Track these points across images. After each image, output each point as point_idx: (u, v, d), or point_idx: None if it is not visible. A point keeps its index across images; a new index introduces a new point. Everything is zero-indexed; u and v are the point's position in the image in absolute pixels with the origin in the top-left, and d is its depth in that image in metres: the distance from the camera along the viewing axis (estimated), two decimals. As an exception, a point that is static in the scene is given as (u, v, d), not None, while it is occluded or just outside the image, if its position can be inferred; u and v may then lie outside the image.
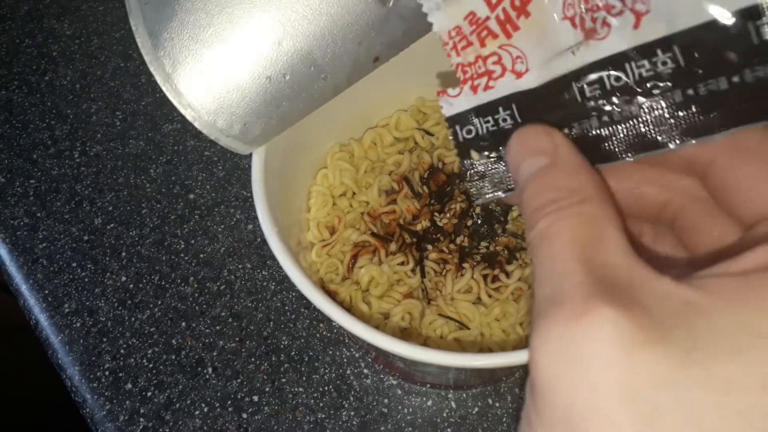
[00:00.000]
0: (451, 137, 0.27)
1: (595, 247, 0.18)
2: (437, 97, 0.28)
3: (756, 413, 0.14)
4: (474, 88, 0.27)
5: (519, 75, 0.26)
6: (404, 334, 0.43)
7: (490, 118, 0.26)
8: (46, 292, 0.54)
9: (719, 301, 0.15)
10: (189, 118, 0.33)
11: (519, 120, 0.25)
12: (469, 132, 0.27)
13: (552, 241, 0.18)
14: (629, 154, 0.22)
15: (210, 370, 0.50)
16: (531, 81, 0.25)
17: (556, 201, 0.19)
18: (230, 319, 0.52)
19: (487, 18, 0.27)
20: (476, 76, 0.28)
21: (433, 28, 0.28)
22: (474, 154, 0.27)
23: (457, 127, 0.27)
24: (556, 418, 0.16)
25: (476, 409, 0.48)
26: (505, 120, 0.25)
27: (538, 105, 0.24)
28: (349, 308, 0.43)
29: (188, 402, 0.48)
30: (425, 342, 0.43)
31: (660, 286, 0.16)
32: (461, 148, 0.27)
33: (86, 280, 0.54)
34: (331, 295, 0.34)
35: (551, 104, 0.24)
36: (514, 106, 0.25)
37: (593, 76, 0.22)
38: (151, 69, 0.32)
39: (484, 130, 0.26)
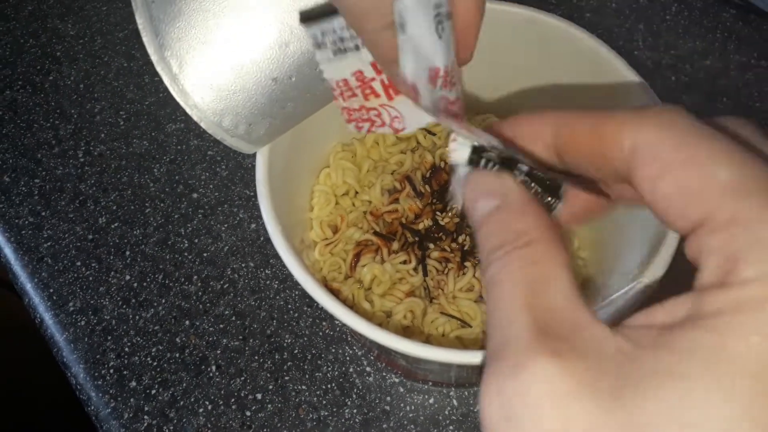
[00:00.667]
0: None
1: (539, 291, 0.18)
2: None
3: None
4: (359, 128, 0.32)
5: (396, 131, 0.31)
6: (406, 332, 0.44)
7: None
8: (51, 290, 0.54)
9: (644, 349, 0.16)
10: (195, 118, 0.34)
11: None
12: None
13: (499, 287, 0.19)
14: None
15: (214, 368, 0.50)
16: None
17: (503, 245, 0.20)
18: (234, 318, 0.52)
19: (373, 79, 0.29)
20: (360, 121, 0.32)
21: (323, 75, 0.30)
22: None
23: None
24: None
25: (478, 406, 0.48)
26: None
27: None
28: (351, 306, 0.44)
29: (192, 400, 0.49)
30: (427, 340, 0.43)
31: (596, 332, 0.17)
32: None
33: (91, 278, 0.55)
34: (334, 294, 0.34)
35: None
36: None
37: None
38: (158, 69, 0.33)
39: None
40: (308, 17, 0.30)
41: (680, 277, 0.21)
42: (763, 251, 0.15)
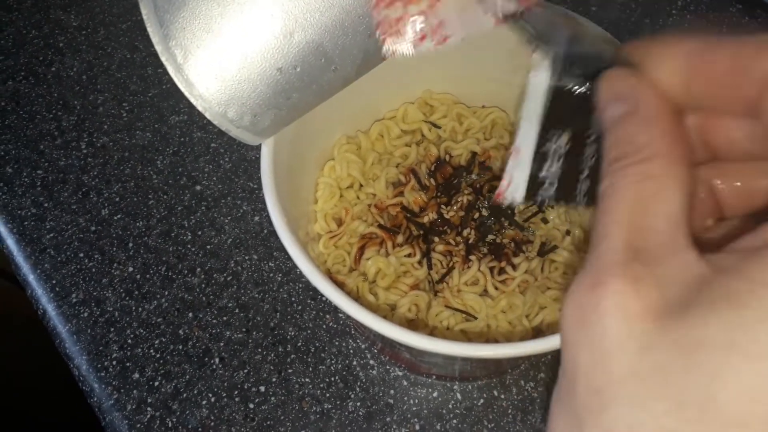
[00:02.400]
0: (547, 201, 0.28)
1: (643, 209, 0.18)
2: (498, 200, 0.28)
3: (711, 370, 0.15)
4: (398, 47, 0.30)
5: (439, 42, 0.28)
6: (411, 325, 0.43)
7: (549, 162, 0.26)
8: (54, 282, 0.54)
9: (719, 273, 0.16)
10: (200, 108, 0.33)
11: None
12: (551, 184, 0.27)
13: (607, 200, 0.19)
14: None
15: (217, 360, 0.50)
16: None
17: (623, 158, 0.19)
18: (237, 310, 0.52)
19: None
20: (397, 36, 0.30)
21: None
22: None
23: (541, 192, 0.27)
24: (566, 371, 0.18)
25: (481, 400, 0.48)
26: (561, 146, 0.26)
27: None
28: (356, 299, 0.43)
29: (195, 392, 0.49)
30: (432, 333, 0.43)
31: (684, 257, 0.17)
32: (563, 193, 0.27)
33: (93, 270, 0.55)
34: (339, 287, 0.34)
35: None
36: (552, 130, 0.25)
37: None
38: (163, 59, 0.33)
39: (560, 168, 0.26)
40: None
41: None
42: None
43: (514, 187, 0.27)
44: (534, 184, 0.26)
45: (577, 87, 0.23)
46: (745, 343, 0.14)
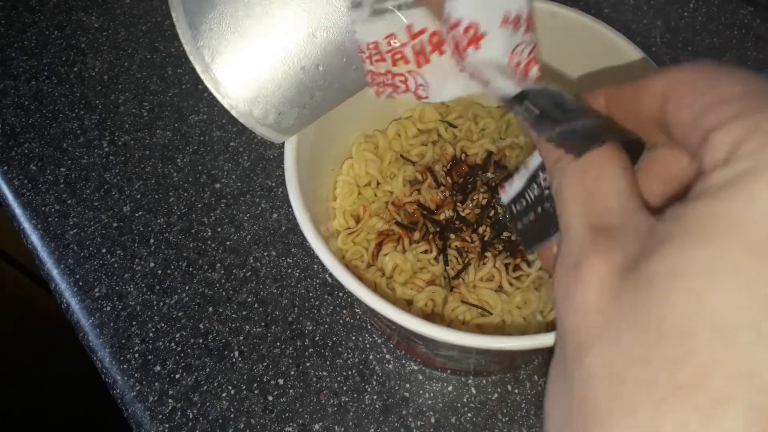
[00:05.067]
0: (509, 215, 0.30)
1: (593, 196, 0.21)
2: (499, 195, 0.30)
3: (662, 298, 0.17)
4: (378, 93, 0.32)
5: (419, 98, 0.31)
6: (427, 319, 0.44)
7: (534, 185, 0.27)
8: (77, 276, 0.55)
9: (663, 222, 0.19)
10: (226, 106, 0.34)
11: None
12: (521, 204, 0.28)
13: (560, 197, 0.22)
14: None
15: (236, 353, 0.51)
16: None
17: (559, 160, 0.22)
18: (256, 305, 0.53)
19: (404, 45, 0.30)
20: (383, 85, 0.32)
21: (355, 35, 0.31)
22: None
23: (513, 205, 0.29)
24: (558, 340, 0.21)
25: (496, 395, 0.49)
26: (545, 179, 0.27)
27: None
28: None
29: (215, 384, 0.50)
30: (448, 327, 0.44)
31: (637, 218, 0.20)
32: (515, 219, 0.29)
33: (116, 265, 0.56)
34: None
35: None
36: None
37: None
38: (191, 58, 0.34)
39: (532, 197, 0.28)
40: None
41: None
42: (757, 131, 0.17)
43: (510, 190, 0.28)
44: (518, 197, 0.28)
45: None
46: (683, 269, 0.17)
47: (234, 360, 0.51)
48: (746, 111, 0.18)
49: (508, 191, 0.29)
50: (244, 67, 0.34)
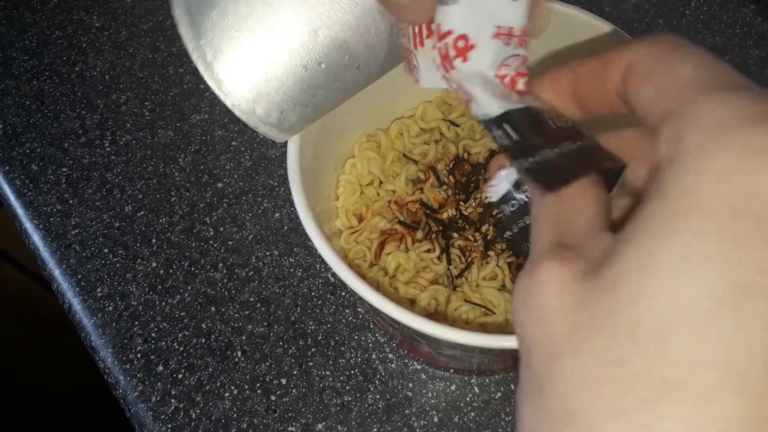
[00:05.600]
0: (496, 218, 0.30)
1: (565, 219, 0.21)
2: (483, 192, 0.30)
3: (630, 298, 0.17)
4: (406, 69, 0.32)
5: (414, 80, 0.31)
6: (431, 318, 0.44)
7: (526, 186, 0.27)
8: (79, 276, 0.55)
9: (627, 235, 0.19)
10: (229, 105, 0.34)
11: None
12: (513, 205, 0.28)
13: (535, 222, 0.22)
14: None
15: (239, 353, 0.51)
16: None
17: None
18: (258, 305, 0.53)
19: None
20: (406, 61, 0.33)
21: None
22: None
23: (503, 206, 0.29)
24: (522, 355, 0.20)
25: (499, 394, 0.49)
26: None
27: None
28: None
29: (218, 384, 0.50)
30: (451, 326, 0.44)
31: (603, 238, 0.20)
32: (507, 221, 0.29)
33: (118, 265, 0.56)
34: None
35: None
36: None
37: None
38: (193, 57, 0.34)
39: (525, 198, 0.28)
40: None
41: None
42: (698, 123, 0.18)
43: (498, 188, 0.28)
44: (508, 196, 0.28)
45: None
46: (647, 266, 0.17)
47: (236, 360, 0.51)
48: (690, 100, 0.18)
49: (497, 190, 0.29)
50: (246, 66, 0.33)
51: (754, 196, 0.16)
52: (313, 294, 0.54)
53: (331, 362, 0.50)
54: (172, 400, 0.49)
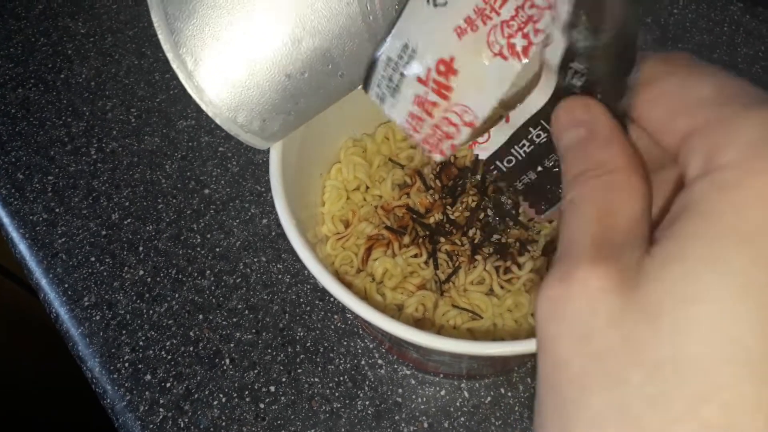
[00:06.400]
0: (494, 175, 0.29)
1: (609, 212, 0.20)
2: (470, 149, 0.30)
3: (674, 327, 0.16)
4: (442, 152, 0.30)
5: (471, 125, 0.28)
6: (418, 324, 0.44)
7: (524, 141, 0.27)
8: (66, 285, 0.55)
9: (658, 243, 0.18)
10: (210, 114, 0.34)
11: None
12: (509, 161, 0.28)
13: (576, 207, 0.21)
14: None
15: (227, 361, 0.51)
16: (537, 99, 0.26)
17: (586, 172, 0.21)
18: (246, 312, 0.53)
19: (426, 92, 0.29)
20: (437, 143, 0.30)
21: (397, 122, 0.31)
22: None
23: (498, 163, 0.28)
24: (545, 371, 0.19)
25: (489, 398, 0.49)
26: (539, 136, 0.26)
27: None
28: (363, 299, 0.44)
29: (206, 392, 0.50)
30: (439, 332, 0.44)
31: (641, 247, 0.19)
32: (507, 178, 0.29)
33: (105, 274, 0.55)
34: (346, 287, 0.35)
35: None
36: (542, 121, 0.26)
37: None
38: (173, 66, 0.33)
39: (523, 154, 0.27)
40: (365, 85, 0.32)
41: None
42: (736, 139, 0.17)
43: (487, 145, 0.28)
44: (501, 153, 0.28)
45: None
46: (693, 295, 0.16)
47: (225, 368, 0.50)
48: (720, 117, 0.18)
49: (487, 147, 0.28)
50: (227, 75, 0.33)
51: None
52: (301, 300, 0.53)
53: (320, 369, 0.50)
54: (161, 409, 0.49)
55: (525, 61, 0.25)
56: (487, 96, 0.28)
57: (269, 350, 0.51)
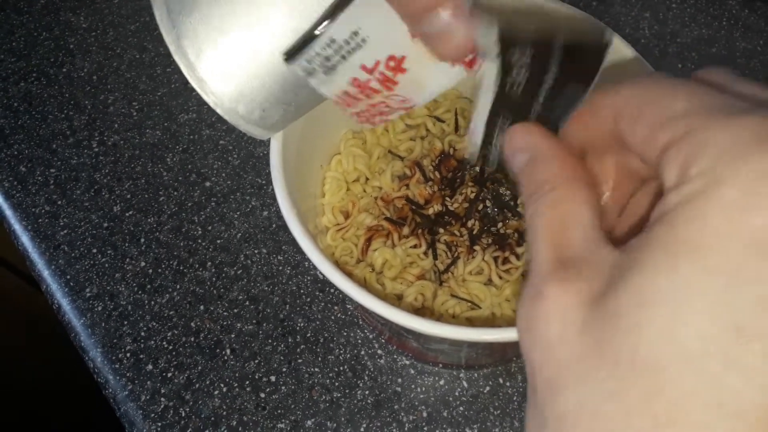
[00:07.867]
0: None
1: (561, 229, 0.22)
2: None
3: (630, 329, 0.17)
4: (373, 124, 0.34)
5: (407, 110, 0.32)
6: (417, 313, 0.44)
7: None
8: (68, 277, 0.55)
9: (625, 253, 0.19)
10: (211, 104, 0.34)
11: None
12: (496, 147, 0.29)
13: (531, 228, 0.23)
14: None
15: (228, 351, 0.51)
16: None
17: (534, 193, 0.23)
18: (247, 303, 0.53)
19: (369, 80, 0.31)
20: (371, 117, 0.34)
21: (324, 95, 0.33)
22: None
23: (489, 147, 0.29)
24: (528, 376, 0.21)
25: (487, 388, 0.49)
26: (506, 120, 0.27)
27: None
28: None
29: (207, 382, 0.50)
30: (438, 321, 0.44)
31: (600, 253, 0.20)
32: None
33: (107, 265, 0.56)
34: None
35: None
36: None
37: None
38: (175, 58, 0.34)
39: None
40: (290, 54, 0.32)
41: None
42: (706, 150, 0.18)
43: (473, 133, 0.29)
44: (487, 138, 0.28)
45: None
46: (649, 299, 0.17)
47: (226, 358, 0.51)
48: (692, 128, 0.18)
49: (475, 133, 0.29)
50: (228, 65, 0.34)
51: (760, 230, 0.16)
52: (301, 291, 0.54)
53: (320, 359, 0.51)
54: (162, 399, 0.49)
55: (472, 70, 0.28)
56: (429, 93, 0.31)
57: (270, 341, 0.51)
